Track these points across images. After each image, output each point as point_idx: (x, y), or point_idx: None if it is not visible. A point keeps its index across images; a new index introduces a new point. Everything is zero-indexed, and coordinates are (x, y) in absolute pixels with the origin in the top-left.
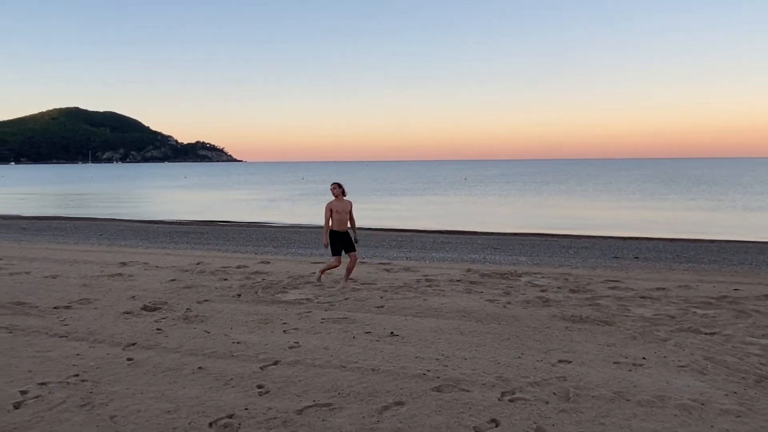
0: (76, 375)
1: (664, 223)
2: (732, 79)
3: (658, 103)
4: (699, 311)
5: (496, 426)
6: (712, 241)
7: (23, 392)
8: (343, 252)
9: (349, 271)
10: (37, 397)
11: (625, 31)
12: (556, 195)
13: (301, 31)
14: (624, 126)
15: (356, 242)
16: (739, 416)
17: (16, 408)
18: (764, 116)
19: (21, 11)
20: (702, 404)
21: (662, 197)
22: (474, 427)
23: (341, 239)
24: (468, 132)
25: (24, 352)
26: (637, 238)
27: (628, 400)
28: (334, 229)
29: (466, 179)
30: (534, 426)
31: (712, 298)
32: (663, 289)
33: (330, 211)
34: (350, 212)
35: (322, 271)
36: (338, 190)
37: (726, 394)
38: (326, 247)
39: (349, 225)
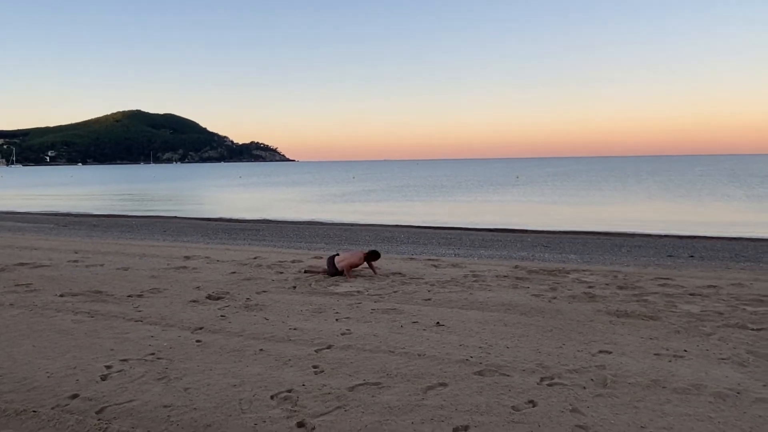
0: (153, 353)
1: (724, 221)
2: None
3: (724, 96)
4: (749, 308)
5: (534, 406)
6: None
7: (108, 366)
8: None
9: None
10: (120, 371)
11: (664, 20)
12: (611, 192)
13: (350, 32)
14: (684, 121)
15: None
16: None
17: (103, 380)
18: None
19: (85, 19)
20: (738, 393)
21: (724, 194)
22: (512, 407)
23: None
24: (516, 129)
25: (105, 333)
26: (694, 237)
27: (664, 387)
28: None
29: (518, 177)
30: (570, 407)
31: (765, 296)
32: (714, 287)
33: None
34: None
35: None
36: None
37: (764, 385)
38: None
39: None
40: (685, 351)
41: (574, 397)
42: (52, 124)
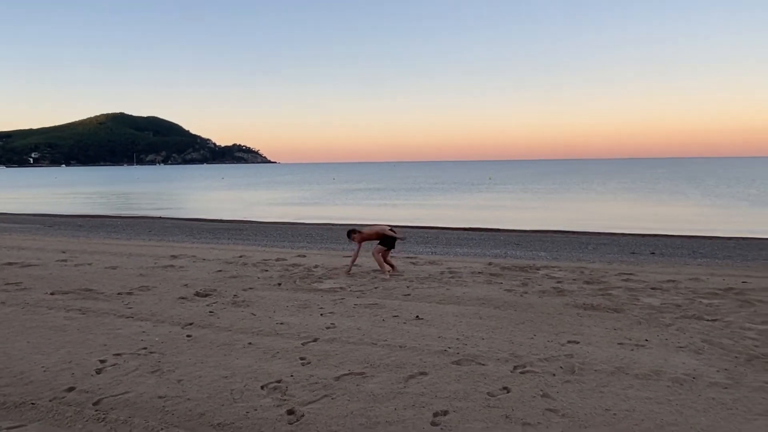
0: (145, 348)
1: (684, 220)
2: (757, 77)
3: (681, 101)
4: (705, 301)
5: (508, 392)
6: (729, 238)
7: (102, 361)
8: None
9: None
10: (115, 365)
11: (638, 28)
12: (577, 194)
13: (332, 36)
14: (647, 125)
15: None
16: (726, 388)
17: (98, 373)
18: None
19: (69, 22)
20: (694, 378)
21: (684, 195)
22: (488, 393)
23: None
24: (491, 132)
25: (98, 329)
26: (655, 235)
27: (627, 373)
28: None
29: (490, 178)
30: (541, 393)
31: (720, 289)
32: (674, 281)
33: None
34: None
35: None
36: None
37: (717, 371)
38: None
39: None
40: (646, 340)
41: (544, 383)
42: (35, 126)
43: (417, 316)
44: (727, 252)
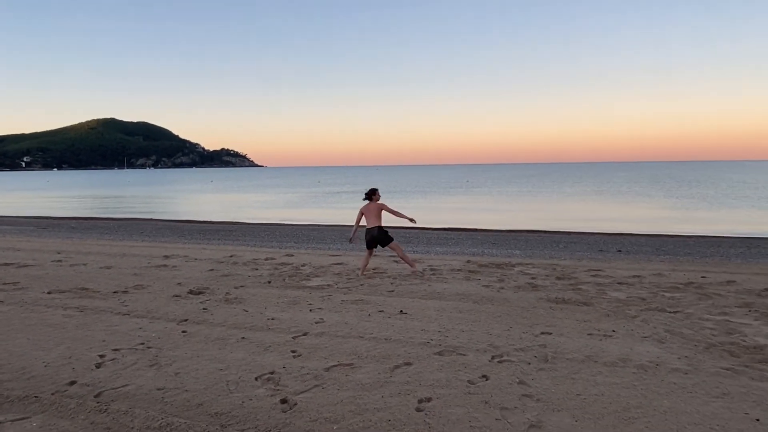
0: (142, 343)
1: (648, 220)
2: (715, 85)
3: (648, 109)
4: (667, 294)
5: (486, 380)
6: (689, 237)
7: (101, 356)
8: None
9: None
10: (114, 359)
11: (617, 36)
12: (549, 195)
13: (316, 45)
14: (614, 130)
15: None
16: (686, 373)
17: (98, 367)
18: (754, 119)
19: (62, 29)
20: (657, 365)
21: (648, 196)
22: (468, 381)
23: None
24: (468, 137)
25: (96, 326)
26: (621, 234)
27: (596, 361)
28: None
29: (467, 182)
30: (517, 380)
31: (681, 283)
32: (638, 276)
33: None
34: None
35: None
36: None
37: (678, 358)
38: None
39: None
40: (614, 331)
41: (520, 371)
42: (27, 131)
43: (401, 311)
44: (688, 249)
